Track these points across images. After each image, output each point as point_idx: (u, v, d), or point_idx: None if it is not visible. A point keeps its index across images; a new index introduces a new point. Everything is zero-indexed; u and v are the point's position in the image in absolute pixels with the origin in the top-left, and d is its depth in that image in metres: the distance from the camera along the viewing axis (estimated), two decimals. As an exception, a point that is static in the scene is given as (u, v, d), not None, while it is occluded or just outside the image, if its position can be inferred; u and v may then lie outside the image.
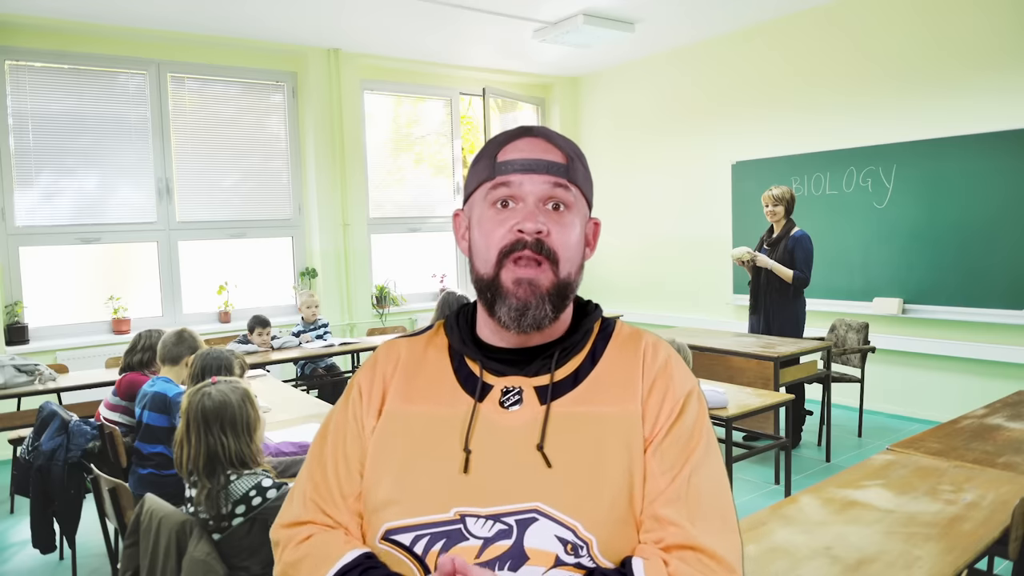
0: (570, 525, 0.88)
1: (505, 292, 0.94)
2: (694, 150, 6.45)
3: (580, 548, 0.88)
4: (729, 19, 5.73)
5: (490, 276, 0.96)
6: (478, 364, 1.00)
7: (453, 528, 0.89)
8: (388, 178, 6.77)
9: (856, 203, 5.24)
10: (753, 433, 3.93)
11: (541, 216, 0.94)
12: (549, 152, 0.97)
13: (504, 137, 1.00)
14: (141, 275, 5.66)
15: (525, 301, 0.94)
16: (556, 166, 0.96)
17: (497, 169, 0.96)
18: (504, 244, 0.94)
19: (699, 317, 6.39)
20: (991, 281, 4.60)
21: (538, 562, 0.87)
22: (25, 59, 5.10)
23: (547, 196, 0.96)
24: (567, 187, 0.96)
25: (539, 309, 0.94)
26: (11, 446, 3.65)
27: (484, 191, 0.98)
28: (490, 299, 0.96)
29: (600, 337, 1.03)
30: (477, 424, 0.95)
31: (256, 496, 1.91)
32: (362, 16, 5.34)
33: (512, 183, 0.95)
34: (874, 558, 1.52)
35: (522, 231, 0.93)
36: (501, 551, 0.87)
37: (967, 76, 4.69)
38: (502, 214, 0.96)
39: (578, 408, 0.95)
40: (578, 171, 0.98)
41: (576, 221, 0.98)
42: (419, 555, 0.88)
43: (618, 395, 0.96)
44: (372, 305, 6.47)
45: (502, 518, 0.88)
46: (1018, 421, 2.49)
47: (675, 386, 0.97)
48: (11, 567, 3.29)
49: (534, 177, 0.95)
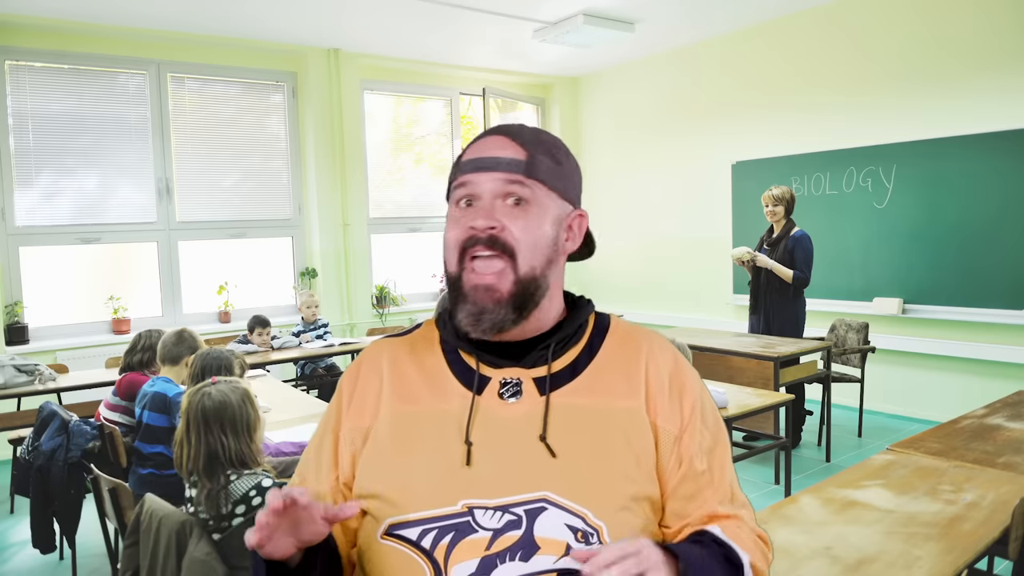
0: (579, 513, 0.89)
1: (464, 294, 0.96)
2: (694, 150, 6.45)
3: (590, 536, 0.89)
4: (729, 19, 5.73)
5: (454, 274, 0.98)
6: (474, 357, 1.00)
7: (462, 521, 0.89)
8: (388, 178, 6.77)
9: (856, 203, 5.24)
10: (753, 433, 3.93)
11: (498, 212, 0.96)
12: (507, 149, 0.98)
13: (474, 138, 1.03)
14: (141, 275, 5.66)
15: (482, 306, 0.95)
16: (512, 162, 0.97)
17: (460, 169, 1.00)
18: (460, 240, 0.97)
19: (699, 317, 6.39)
20: (991, 281, 4.60)
21: (549, 551, 0.87)
22: (25, 59, 5.10)
23: (503, 192, 0.97)
24: (522, 183, 0.97)
25: (495, 313, 0.95)
26: (11, 446, 3.65)
27: (452, 192, 1.01)
28: (454, 299, 0.98)
29: (596, 331, 1.05)
30: (477, 416, 0.95)
31: (256, 496, 1.91)
32: (362, 16, 5.34)
33: (469, 182, 0.98)
34: (874, 558, 1.52)
35: (474, 228, 0.95)
36: (511, 542, 0.87)
37: (967, 76, 4.69)
38: (463, 213, 0.98)
39: (578, 399, 0.97)
40: (540, 165, 0.98)
41: (541, 214, 0.98)
42: (427, 549, 0.88)
43: (619, 389, 0.98)
44: (372, 305, 6.47)
45: (511, 509, 0.89)
46: (1018, 421, 2.49)
47: (690, 383, 1.02)
48: (11, 567, 3.29)
49: (488, 175, 0.97)
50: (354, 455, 0.99)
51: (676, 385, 1.01)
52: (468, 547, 0.87)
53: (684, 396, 1.00)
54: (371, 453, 0.97)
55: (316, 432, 1.06)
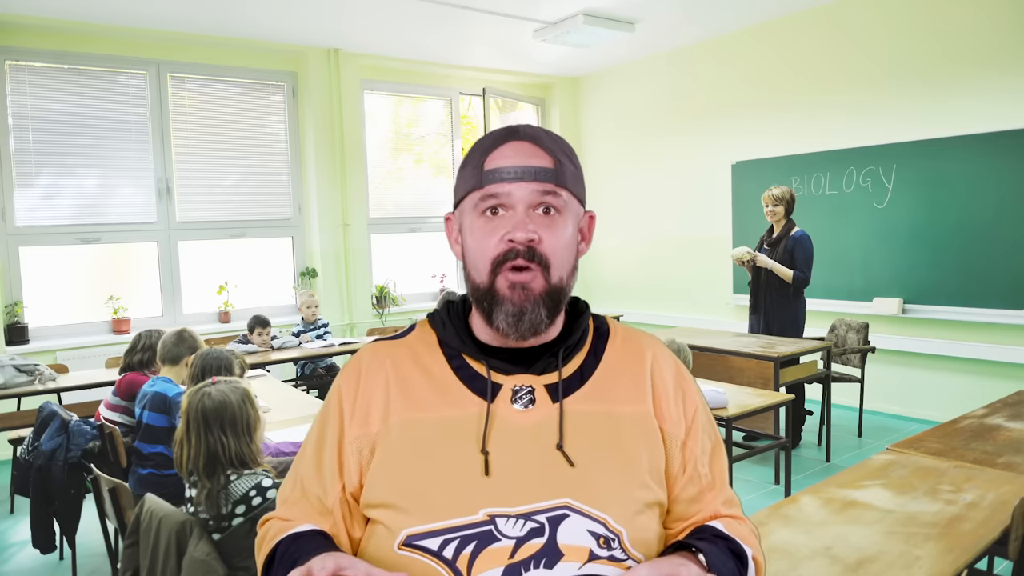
0: (600, 519, 0.89)
1: (502, 298, 0.95)
2: (694, 150, 6.45)
3: (612, 541, 0.89)
4: (729, 19, 5.73)
5: (485, 285, 0.96)
6: (483, 364, 0.99)
7: (483, 530, 0.88)
8: (388, 178, 6.77)
9: (856, 203, 5.24)
10: (753, 433, 3.93)
11: (531, 224, 0.94)
12: (536, 157, 0.96)
13: (490, 141, 0.98)
14: (141, 275, 5.66)
15: (521, 306, 0.94)
16: (545, 172, 0.95)
17: (485, 178, 0.96)
18: (497, 254, 0.95)
19: (699, 317, 6.39)
20: (991, 281, 4.60)
21: (573, 558, 0.87)
22: (25, 59, 5.10)
23: (537, 203, 0.96)
24: (556, 193, 0.96)
25: (535, 313, 0.95)
26: (11, 446, 3.65)
27: (473, 200, 0.97)
28: (487, 308, 0.96)
29: (597, 335, 1.05)
30: (492, 425, 0.94)
31: (256, 496, 1.91)
32: (362, 16, 5.34)
33: (500, 193, 0.95)
34: (874, 558, 1.52)
35: (513, 240, 0.94)
36: (535, 550, 0.87)
37: (967, 76, 4.69)
38: (492, 222, 0.96)
39: (590, 406, 0.97)
40: (567, 172, 0.98)
41: (568, 222, 0.98)
42: (449, 559, 0.87)
43: (627, 394, 0.99)
44: (372, 305, 6.47)
45: (533, 516, 0.89)
46: (1018, 421, 2.49)
47: (691, 387, 1.05)
48: (11, 567, 3.29)
49: (522, 185, 0.94)
50: (362, 465, 0.96)
51: (679, 390, 1.02)
52: (491, 556, 0.86)
53: (687, 400, 1.02)
54: (382, 462, 0.95)
55: (312, 437, 1.02)
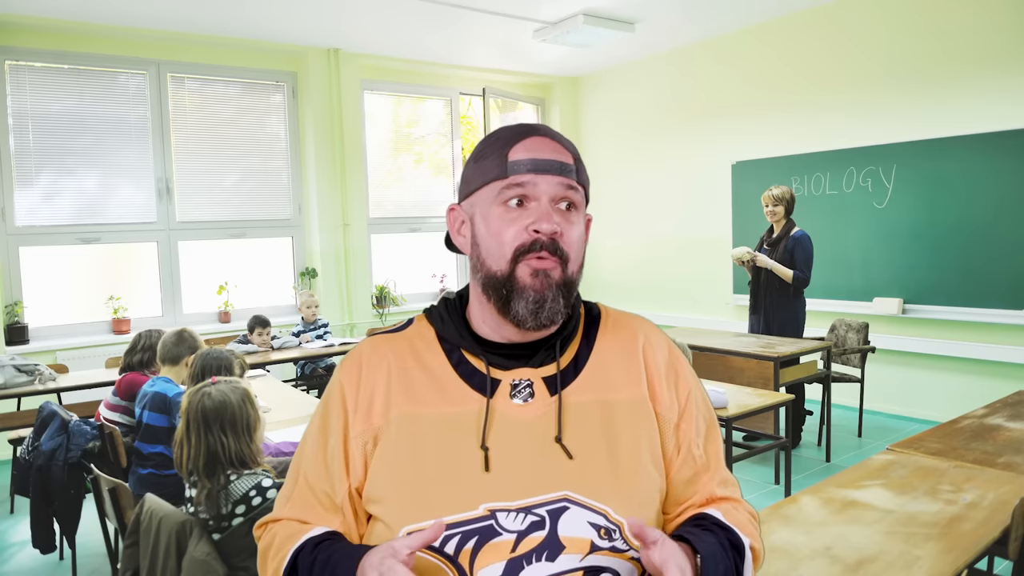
0: (600, 510, 0.90)
1: (523, 286, 0.94)
2: (694, 150, 6.45)
3: (613, 532, 0.90)
4: (729, 19, 5.73)
5: (505, 273, 0.95)
6: (482, 359, 0.99)
7: (484, 525, 0.88)
8: (388, 178, 6.77)
9: (856, 203, 5.24)
10: (753, 433, 3.93)
11: (556, 216, 0.95)
12: (559, 152, 0.98)
13: (510, 134, 0.99)
14: (141, 275, 5.66)
15: (542, 293, 0.94)
16: (567, 167, 0.97)
17: (510, 168, 0.96)
18: (520, 243, 0.95)
19: (699, 317, 6.39)
20: (991, 281, 4.60)
21: (574, 550, 0.88)
22: (25, 59, 5.10)
23: (560, 196, 0.96)
24: (576, 188, 0.98)
25: (555, 302, 0.95)
26: (11, 446, 3.65)
27: (494, 189, 0.97)
28: (505, 295, 0.96)
29: (589, 321, 1.06)
30: (492, 420, 0.95)
31: (256, 496, 1.91)
32: (362, 16, 5.34)
33: (526, 183, 0.95)
34: (874, 558, 1.52)
35: (538, 231, 0.94)
36: (536, 543, 0.88)
37: (967, 76, 4.69)
38: (514, 212, 0.96)
39: (586, 396, 0.98)
40: (582, 170, 1.00)
41: (580, 219, 1.00)
42: (451, 554, 0.88)
43: (622, 380, 1.00)
44: (372, 305, 6.47)
45: (533, 510, 0.89)
46: (1018, 421, 2.49)
47: (684, 368, 1.06)
48: (11, 567, 3.29)
49: (548, 178, 0.96)
50: (366, 459, 0.96)
51: (672, 372, 1.03)
52: (493, 550, 0.87)
53: (680, 382, 1.03)
54: (383, 457, 0.95)
55: (313, 431, 1.01)
